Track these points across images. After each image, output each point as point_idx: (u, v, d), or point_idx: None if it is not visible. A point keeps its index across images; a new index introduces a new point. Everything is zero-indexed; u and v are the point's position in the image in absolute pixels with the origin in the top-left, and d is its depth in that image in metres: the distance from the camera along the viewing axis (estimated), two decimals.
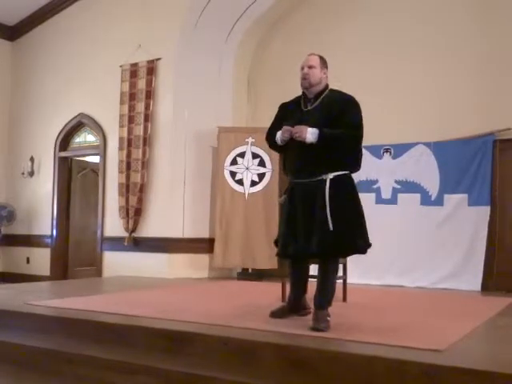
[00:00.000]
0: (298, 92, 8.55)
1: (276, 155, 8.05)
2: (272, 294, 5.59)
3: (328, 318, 3.86)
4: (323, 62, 4.14)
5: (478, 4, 7.30)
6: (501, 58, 7.09)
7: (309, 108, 4.06)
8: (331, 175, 3.85)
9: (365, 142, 7.96)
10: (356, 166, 4.08)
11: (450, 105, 7.32)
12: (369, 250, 7.80)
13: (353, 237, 3.84)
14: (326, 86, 4.14)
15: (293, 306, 4.29)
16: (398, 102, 7.66)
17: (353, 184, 4.04)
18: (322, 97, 4.05)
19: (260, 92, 8.73)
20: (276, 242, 4.17)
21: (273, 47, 8.73)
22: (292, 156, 4.01)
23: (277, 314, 4.25)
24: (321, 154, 3.83)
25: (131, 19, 8.70)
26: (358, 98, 4.06)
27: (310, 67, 4.08)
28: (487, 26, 7.20)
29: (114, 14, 8.94)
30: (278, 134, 4.02)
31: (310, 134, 3.81)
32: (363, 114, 4.11)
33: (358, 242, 3.87)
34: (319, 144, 3.81)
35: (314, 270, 6.25)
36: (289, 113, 4.18)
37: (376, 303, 5.53)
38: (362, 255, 3.97)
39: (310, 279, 5.68)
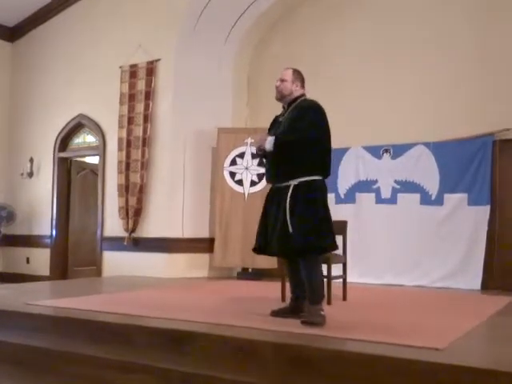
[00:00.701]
0: None
1: None
2: (272, 293, 5.59)
3: (322, 313, 3.99)
4: (296, 75, 4.38)
5: (477, 5, 7.30)
6: (500, 59, 7.10)
7: (282, 118, 4.29)
8: (296, 181, 4.03)
9: (364, 143, 8.03)
10: (323, 171, 4.20)
11: (449, 105, 7.32)
12: (369, 250, 7.84)
13: (309, 239, 3.97)
14: (299, 96, 4.33)
15: (293, 308, 4.32)
16: (398, 102, 7.67)
17: (319, 189, 4.14)
18: (292, 106, 4.26)
19: (259, 93, 8.73)
20: None
21: (272, 48, 8.73)
22: (266, 164, 4.34)
23: (277, 314, 4.29)
24: (284, 161, 4.07)
25: (131, 20, 8.70)
26: (357, 98, 4.06)
27: (282, 81, 4.32)
28: (486, 26, 7.21)
29: (114, 15, 8.94)
30: None
31: (268, 143, 4.07)
32: (365, 114, 4.11)
33: (315, 244, 4.00)
34: (277, 151, 4.05)
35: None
36: (274, 124, 4.42)
37: (376, 302, 5.53)
38: (364, 254, 4.02)
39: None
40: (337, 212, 7.66)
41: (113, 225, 8.66)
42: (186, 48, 8.29)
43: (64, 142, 9.55)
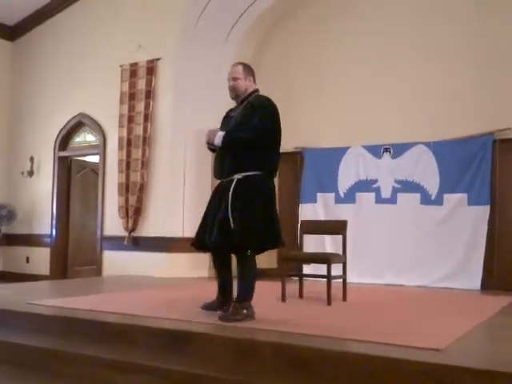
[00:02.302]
0: (298, 92, 8.57)
1: None
2: (272, 293, 5.59)
3: (244, 311, 4.05)
4: (247, 71, 4.34)
5: (478, 4, 7.30)
6: (501, 58, 7.09)
7: (234, 114, 4.31)
8: (239, 175, 4.06)
9: (365, 142, 8.04)
10: (269, 167, 4.20)
11: (449, 104, 7.33)
12: (369, 250, 7.83)
13: (246, 235, 3.96)
14: (253, 91, 4.35)
15: (221, 301, 4.36)
16: (398, 101, 7.67)
17: (262, 184, 4.13)
18: (244, 103, 4.27)
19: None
20: None
21: (273, 47, 8.73)
22: (215, 158, 4.37)
23: (209, 307, 4.36)
24: (231, 156, 4.11)
25: (131, 19, 8.70)
26: (358, 99, 4.05)
27: (234, 79, 4.28)
28: (487, 25, 7.21)
29: (114, 14, 8.94)
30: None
31: (218, 138, 4.11)
32: (365, 113, 4.11)
33: (252, 241, 3.99)
34: (224, 146, 4.11)
35: (319, 269, 6.26)
36: (226, 118, 4.45)
37: (376, 302, 5.54)
38: (364, 254, 4.01)
39: (308, 278, 5.73)
40: (337, 212, 7.75)
41: (113, 224, 8.66)
42: (187, 47, 8.28)
43: (64, 140, 9.56)
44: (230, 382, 3.25)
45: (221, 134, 4.13)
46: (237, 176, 4.06)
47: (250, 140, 4.07)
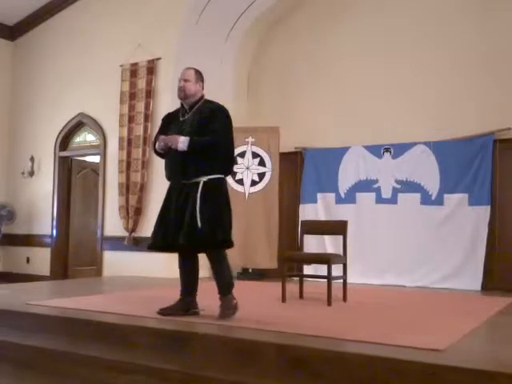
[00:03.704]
0: (298, 91, 8.57)
1: (276, 155, 8.08)
2: (272, 293, 5.59)
3: (234, 302, 4.27)
4: (198, 76, 4.52)
5: (478, 4, 7.30)
6: (501, 58, 7.09)
7: (185, 118, 4.42)
8: (205, 178, 4.23)
9: (365, 142, 8.05)
10: (228, 170, 4.48)
11: (450, 104, 7.32)
12: (369, 250, 7.83)
13: (215, 233, 4.18)
14: (201, 97, 4.52)
15: (184, 304, 4.36)
16: (398, 101, 7.66)
17: (223, 186, 4.41)
18: (195, 107, 4.43)
19: (260, 91, 8.73)
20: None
21: (273, 47, 8.73)
22: (170, 162, 4.40)
23: (167, 312, 4.32)
24: (194, 160, 4.23)
25: (131, 19, 8.70)
26: (358, 99, 4.08)
27: (186, 81, 4.43)
28: (487, 25, 7.21)
29: (114, 14, 8.94)
30: (157, 144, 4.40)
31: (181, 143, 4.21)
32: (366, 113, 4.12)
33: (219, 238, 4.21)
34: (190, 151, 4.20)
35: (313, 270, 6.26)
36: (171, 123, 4.51)
37: (376, 303, 5.53)
38: (364, 255, 4.01)
39: (308, 278, 5.73)
40: (337, 212, 7.74)
41: (113, 224, 8.66)
42: (187, 47, 8.27)
43: (65, 140, 9.56)
44: (229, 383, 3.25)
45: (184, 138, 4.21)
46: (202, 179, 4.23)
47: (217, 143, 4.26)
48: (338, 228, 5.73)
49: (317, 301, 5.33)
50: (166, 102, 8.28)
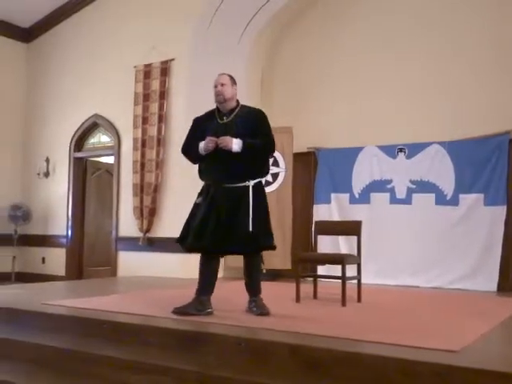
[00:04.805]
0: (312, 91, 8.53)
1: (289, 155, 8.05)
2: (286, 294, 5.59)
3: (263, 302, 4.44)
4: (232, 80, 4.59)
5: (491, 2, 7.24)
6: None
7: (225, 121, 4.47)
8: (252, 182, 4.34)
9: (379, 142, 8.00)
10: (267, 173, 4.63)
11: (464, 104, 7.27)
12: (383, 250, 7.80)
13: (268, 236, 4.40)
14: (238, 100, 4.59)
15: (199, 303, 4.35)
16: (413, 101, 7.62)
17: (264, 190, 4.57)
18: (236, 111, 4.51)
19: (273, 92, 8.72)
20: (181, 239, 4.55)
21: (286, 47, 8.72)
22: (215, 164, 4.39)
23: (181, 310, 4.32)
24: (242, 162, 4.30)
25: (145, 20, 8.75)
26: (371, 98, 4.12)
27: (222, 85, 4.49)
28: (502, 22, 7.14)
29: (128, 16, 8.99)
30: (202, 144, 4.37)
31: (235, 144, 4.26)
32: (379, 113, 4.14)
33: (270, 242, 4.42)
34: (243, 153, 4.28)
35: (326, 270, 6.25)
36: (204, 126, 4.53)
37: (390, 303, 5.51)
38: (378, 255, 4.02)
39: (322, 279, 5.72)
40: (351, 212, 7.71)
41: (128, 225, 8.70)
42: (200, 48, 8.30)
43: (79, 142, 9.63)
44: (243, 383, 3.25)
45: (237, 140, 4.26)
46: (250, 183, 4.32)
47: (269, 146, 4.41)
48: (352, 228, 5.71)
49: (331, 301, 5.32)
50: (180, 103, 8.33)
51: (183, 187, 8.22)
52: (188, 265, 7.98)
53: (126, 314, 4.42)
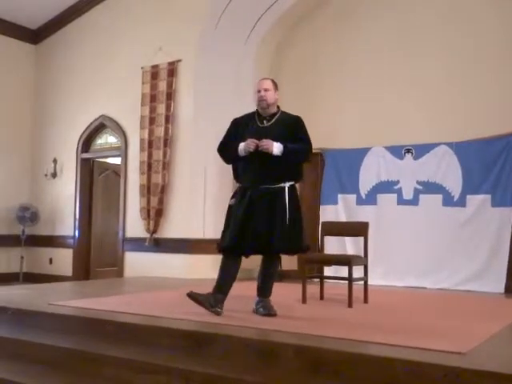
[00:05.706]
0: (319, 92, 8.52)
1: None
2: (293, 294, 5.58)
3: (271, 304, 4.47)
4: (275, 85, 4.63)
5: (503, 2, 7.21)
6: None
7: (266, 125, 4.54)
8: (288, 184, 4.43)
9: (386, 143, 7.98)
10: (301, 177, 4.71)
11: (472, 104, 7.25)
12: (390, 252, 7.80)
13: (303, 238, 4.47)
14: (278, 106, 4.64)
15: (213, 299, 4.37)
16: (420, 102, 7.60)
17: (297, 192, 4.63)
18: (277, 116, 4.57)
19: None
20: (230, 245, 4.44)
21: (292, 48, 8.72)
22: (252, 166, 4.45)
23: (195, 296, 4.38)
24: (281, 165, 4.38)
25: (152, 21, 8.76)
26: (378, 99, 4.16)
27: (266, 90, 4.52)
28: (511, 24, 7.11)
29: (135, 17, 9.00)
30: (242, 145, 4.41)
31: (276, 148, 4.33)
32: (387, 114, 4.14)
33: (305, 243, 4.49)
34: (282, 156, 4.35)
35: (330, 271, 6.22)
36: (243, 128, 4.59)
37: (398, 305, 5.50)
38: (385, 256, 4.03)
39: (329, 280, 5.71)
40: (358, 213, 7.69)
41: (134, 226, 8.71)
42: (207, 49, 8.31)
43: (87, 142, 9.64)
44: None
45: (278, 144, 4.33)
46: (286, 184, 4.41)
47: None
48: (358, 229, 5.71)
49: (337, 302, 5.31)
50: (187, 104, 8.34)
51: (190, 188, 8.24)
52: (194, 266, 8.03)
53: (133, 315, 4.42)
